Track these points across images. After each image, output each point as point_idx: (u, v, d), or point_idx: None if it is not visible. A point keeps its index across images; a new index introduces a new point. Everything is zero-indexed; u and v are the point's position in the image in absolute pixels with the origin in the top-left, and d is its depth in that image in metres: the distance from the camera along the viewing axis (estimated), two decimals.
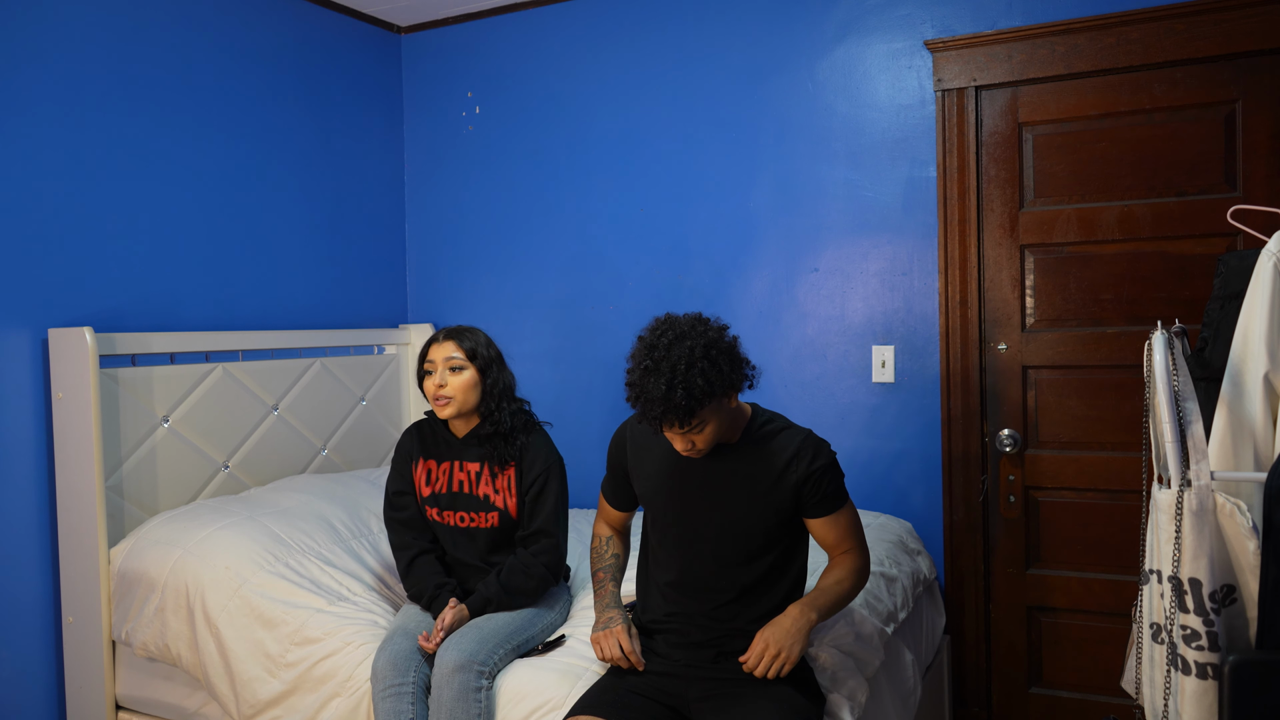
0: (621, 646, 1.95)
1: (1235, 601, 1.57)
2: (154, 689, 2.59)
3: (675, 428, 1.84)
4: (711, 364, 1.82)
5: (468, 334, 2.38)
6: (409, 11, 3.67)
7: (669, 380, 1.78)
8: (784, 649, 1.85)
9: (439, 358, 2.33)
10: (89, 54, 2.77)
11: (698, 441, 1.89)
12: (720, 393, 1.84)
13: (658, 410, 1.80)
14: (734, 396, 1.92)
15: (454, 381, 2.32)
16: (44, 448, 2.67)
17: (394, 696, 2.03)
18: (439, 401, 2.32)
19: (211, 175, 3.12)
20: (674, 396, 1.78)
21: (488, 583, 2.25)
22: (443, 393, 2.31)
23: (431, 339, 2.39)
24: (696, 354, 1.81)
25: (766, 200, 3.25)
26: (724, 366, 1.84)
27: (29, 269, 2.64)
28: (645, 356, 1.84)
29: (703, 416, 1.84)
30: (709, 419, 1.86)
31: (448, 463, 2.41)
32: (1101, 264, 2.85)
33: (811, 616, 1.90)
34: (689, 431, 1.86)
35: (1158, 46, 2.72)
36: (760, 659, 1.85)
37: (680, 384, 1.78)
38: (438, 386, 2.32)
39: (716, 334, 1.87)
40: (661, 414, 1.81)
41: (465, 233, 3.77)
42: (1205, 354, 1.79)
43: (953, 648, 3.04)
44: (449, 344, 2.35)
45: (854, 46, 3.11)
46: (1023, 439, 2.96)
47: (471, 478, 2.37)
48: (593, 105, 3.51)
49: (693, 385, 1.78)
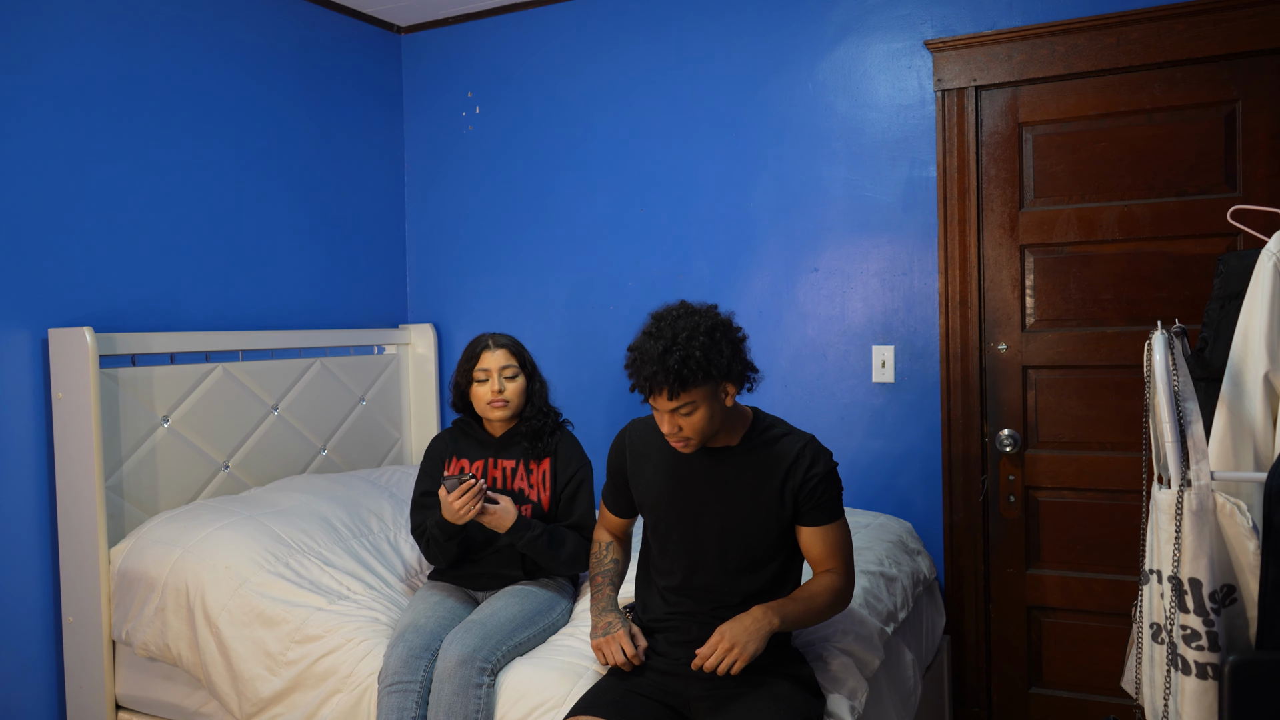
0: (624, 650, 1.94)
1: (1235, 601, 1.57)
2: (154, 689, 2.59)
3: (663, 397, 1.82)
4: (713, 342, 1.82)
5: (512, 341, 2.52)
6: (409, 11, 3.67)
7: (667, 345, 1.79)
8: (739, 646, 1.80)
9: (494, 366, 2.46)
10: (89, 54, 2.77)
11: (685, 427, 1.86)
12: (717, 374, 1.82)
13: (649, 370, 1.79)
14: (731, 394, 1.90)
15: (511, 387, 2.47)
16: (44, 448, 2.67)
17: (400, 693, 2.04)
18: (495, 405, 2.45)
19: (212, 175, 3.12)
20: (668, 360, 1.78)
21: (536, 523, 2.34)
22: (500, 398, 2.45)
23: (481, 347, 2.49)
24: (701, 329, 1.82)
25: (766, 200, 3.25)
26: (725, 350, 1.83)
27: (29, 269, 2.64)
28: (651, 324, 1.86)
29: (694, 397, 1.82)
30: (699, 404, 1.84)
31: (481, 460, 2.50)
32: (1101, 264, 2.85)
33: (774, 620, 1.84)
34: (677, 410, 1.84)
35: (1158, 46, 2.72)
36: (713, 652, 1.81)
37: (678, 350, 1.78)
38: (496, 392, 2.45)
39: (726, 322, 1.89)
40: (651, 375, 1.79)
41: (465, 233, 3.77)
42: (1205, 354, 1.79)
43: (953, 648, 3.04)
44: (501, 352, 2.48)
45: (854, 46, 3.11)
46: (1023, 439, 2.97)
47: (507, 473, 2.48)
48: (593, 105, 3.51)
49: (690, 354, 1.78)
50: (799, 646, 2.10)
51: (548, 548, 2.33)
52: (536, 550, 2.33)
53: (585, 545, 2.40)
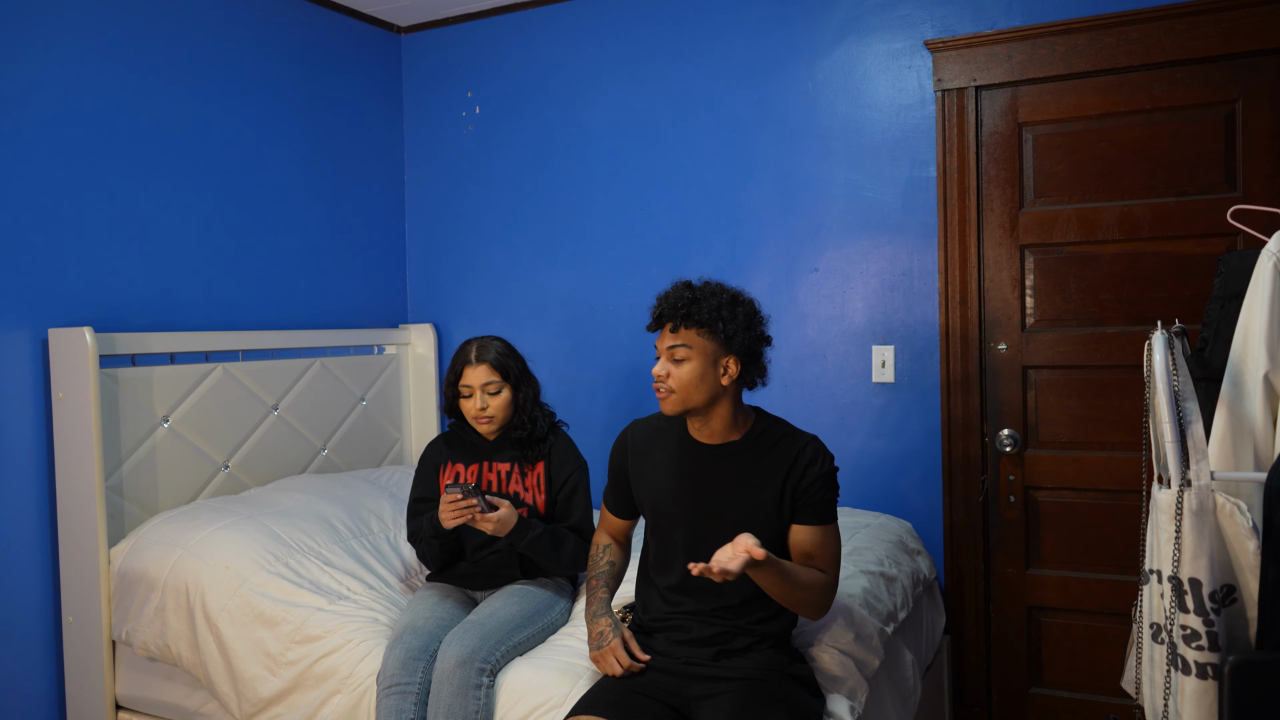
0: (620, 662, 1.94)
1: (1235, 601, 1.57)
2: (154, 689, 2.59)
3: (667, 329, 1.93)
4: (732, 306, 1.92)
5: (495, 351, 2.47)
6: (409, 11, 3.67)
7: (691, 289, 1.94)
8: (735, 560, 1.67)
9: (476, 383, 2.43)
10: (89, 54, 2.77)
11: (672, 374, 1.91)
12: (723, 332, 1.89)
13: (667, 303, 1.93)
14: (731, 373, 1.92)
15: (494, 403, 2.44)
16: (44, 448, 2.67)
17: (398, 695, 2.04)
18: (480, 420, 2.44)
19: (211, 175, 3.12)
20: (685, 293, 1.92)
21: (537, 523, 2.33)
22: (484, 414, 2.43)
23: (463, 360, 2.45)
24: (726, 295, 1.94)
25: (766, 200, 3.25)
26: (739, 319, 1.92)
27: (29, 269, 2.64)
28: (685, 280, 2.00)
29: (692, 341, 1.90)
30: (694, 355, 1.90)
31: (476, 464, 2.49)
32: (1101, 264, 2.85)
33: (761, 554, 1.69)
34: (675, 345, 1.91)
35: (1158, 46, 2.72)
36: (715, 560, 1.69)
37: (699, 294, 1.92)
38: (479, 409, 2.43)
39: (753, 305, 1.98)
40: (665, 299, 1.94)
41: (465, 233, 3.77)
42: (1205, 354, 1.79)
43: (953, 648, 3.04)
44: (483, 368, 2.44)
45: (854, 46, 3.11)
46: (1023, 439, 2.96)
47: (501, 477, 2.46)
48: (593, 105, 3.51)
49: (707, 298, 1.91)
50: (799, 646, 2.10)
51: (549, 547, 2.33)
52: (538, 550, 2.32)
53: (585, 546, 2.40)
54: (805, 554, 1.95)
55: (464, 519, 2.23)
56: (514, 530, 2.29)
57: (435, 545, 2.38)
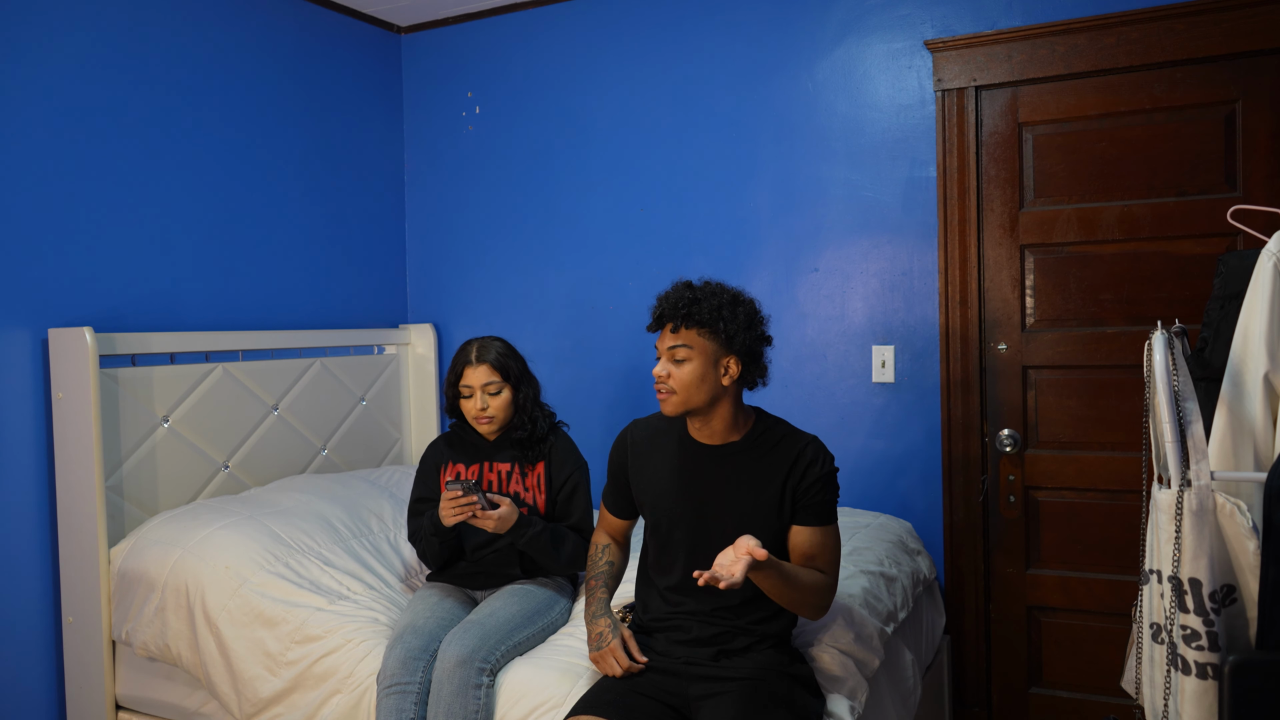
0: (619, 663, 1.94)
1: (1235, 601, 1.57)
2: (154, 689, 2.59)
3: (668, 329, 1.93)
4: (733, 306, 1.92)
5: (496, 351, 2.47)
6: (409, 11, 3.67)
7: (692, 288, 1.94)
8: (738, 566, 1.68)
9: (476, 383, 2.44)
10: (89, 54, 2.77)
11: (673, 375, 1.91)
12: (724, 332, 1.89)
13: (667, 303, 1.93)
14: (731, 373, 1.92)
15: (494, 403, 2.45)
16: (44, 448, 2.67)
17: (398, 694, 2.04)
18: (481, 421, 2.45)
19: (211, 175, 3.12)
20: (686, 294, 1.92)
21: (537, 520, 2.34)
22: (485, 414, 2.44)
23: (463, 361, 2.46)
24: (727, 293, 1.94)
25: (766, 200, 3.25)
26: (740, 319, 1.92)
27: (29, 269, 2.64)
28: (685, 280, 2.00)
29: (693, 342, 1.90)
30: (695, 355, 1.90)
31: (477, 464, 2.49)
32: (1101, 264, 2.85)
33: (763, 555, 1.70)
34: (676, 346, 1.91)
35: (1158, 46, 2.72)
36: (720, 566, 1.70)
37: (699, 294, 1.92)
38: (480, 410, 2.44)
39: (754, 305, 1.98)
40: (665, 299, 1.94)
41: (465, 233, 3.77)
42: (1205, 354, 1.79)
43: (953, 648, 3.04)
44: (484, 368, 2.44)
45: (854, 46, 3.11)
46: (1022, 439, 2.96)
47: (502, 477, 2.47)
48: (593, 105, 3.51)
49: (707, 298, 1.91)
50: (799, 646, 2.10)
51: (549, 545, 2.33)
52: (538, 548, 2.33)
53: (584, 545, 2.40)
54: (805, 555, 1.95)
55: (464, 516, 2.23)
56: (514, 527, 2.29)
57: (435, 543, 2.38)
